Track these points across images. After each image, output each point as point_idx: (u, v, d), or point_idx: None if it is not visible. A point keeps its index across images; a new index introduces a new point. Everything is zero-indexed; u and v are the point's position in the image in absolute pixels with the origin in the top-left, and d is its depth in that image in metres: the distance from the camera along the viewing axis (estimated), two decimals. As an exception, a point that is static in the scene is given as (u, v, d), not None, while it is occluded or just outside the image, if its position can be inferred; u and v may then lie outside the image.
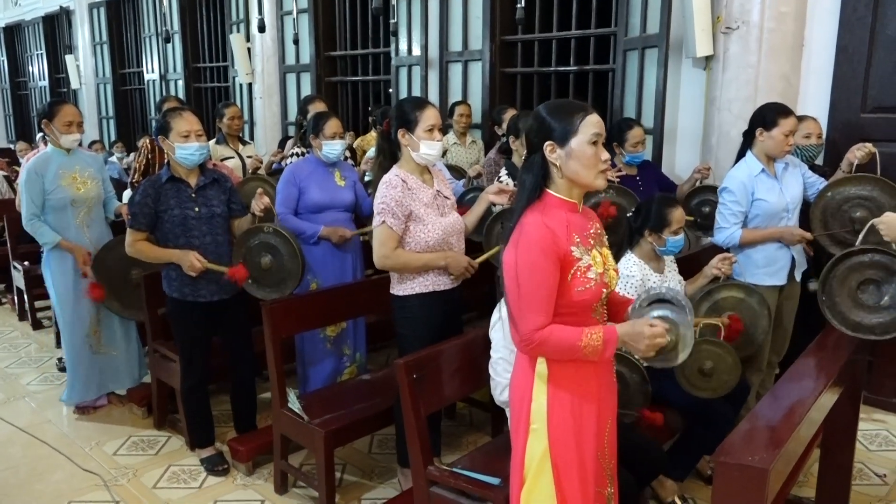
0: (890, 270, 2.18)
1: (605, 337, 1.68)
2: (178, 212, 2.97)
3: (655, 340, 1.68)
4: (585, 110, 1.72)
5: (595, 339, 1.67)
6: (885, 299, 2.21)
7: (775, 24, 3.75)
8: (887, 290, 2.21)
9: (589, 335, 1.67)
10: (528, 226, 1.70)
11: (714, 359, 2.59)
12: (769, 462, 1.69)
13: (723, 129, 3.95)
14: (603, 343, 1.68)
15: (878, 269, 2.21)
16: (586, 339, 1.67)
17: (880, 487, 3.02)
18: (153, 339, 3.54)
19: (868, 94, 3.73)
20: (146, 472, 3.22)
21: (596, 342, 1.67)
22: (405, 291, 2.73)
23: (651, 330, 1.68)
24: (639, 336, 1.69)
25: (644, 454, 2.47)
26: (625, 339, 1.71)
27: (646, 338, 1.68)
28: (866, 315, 2.25)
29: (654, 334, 1.68)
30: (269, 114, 7.38)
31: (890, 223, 2.06)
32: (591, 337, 1.67)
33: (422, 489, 2.36)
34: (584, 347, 1.67)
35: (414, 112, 2.65)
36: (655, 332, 1.68)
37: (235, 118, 4.84)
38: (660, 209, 2.72)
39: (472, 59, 5.58)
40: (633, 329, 1.70)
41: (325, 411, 2.93)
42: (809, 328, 3.05)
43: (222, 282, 3.01)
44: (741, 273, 3.09)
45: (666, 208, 2.72)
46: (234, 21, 7.77)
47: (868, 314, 2.25)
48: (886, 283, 2.21)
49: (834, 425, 2.65)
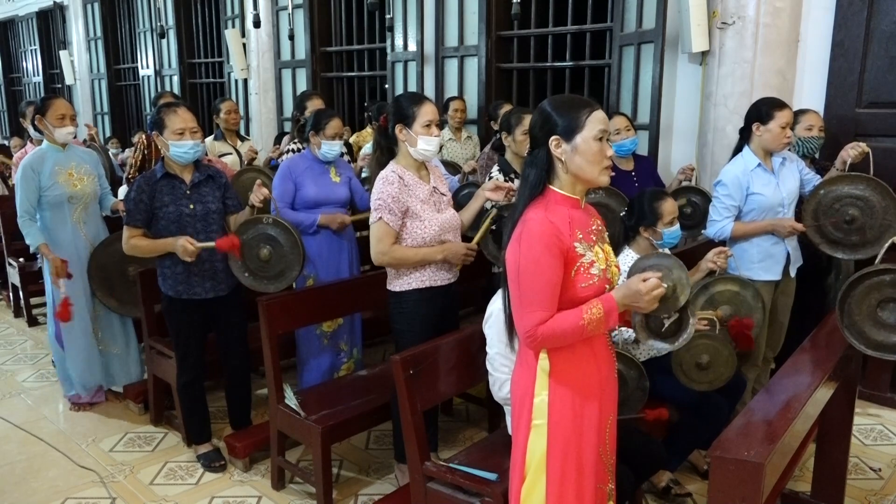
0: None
1: (605, 307, 1.68)
2: (173, 208, 2.96)
3: (654, 292, 1.68)
4: (591, 106, 1.72)
5: (596, 312, 1.67)
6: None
7: (771, 19, 3.75)
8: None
9: (589, 311, 1.67)
10: (532, 222, 1.70)
11: (710, 352, 2.60)
12: (765, 456, 1.69)
13: (718, 125, 3.96)
14: (605, 313, 1.68)
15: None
16: (587, 316, 1.67)
17: (875, 482, 3.04)
18: (149, 335, 3.53)
19: (863, 90, 3.74)
20: (143, 468, 3.22)
21: (597, 314, 1.67)
22: (402, 287, 2.73)
23: (646, 284, 1.68)
24: (636, 294, 1.68)
25: (643, 450, 2.48)
26: (624, 302, 1.70)
27: (643, 293, 1.68)
28: (888, 335, 2.21)
29: (650, 287, 1.68)
30: (265, 109, 7.36)
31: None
32: (591, 312, 1.67)
33: (419, 485, 2.36)
34: (587, 324, 1.67)
35: (411, 107, 2.65)
36: (651, 285, 1.68)
37: (232, 112, 4.83)
38: (650, 204, 2.73)
39: (467, 55, 5.57)
40: (628, 289, 1.70)
41: (322, 407, 2.93)
42: (804, 323, 3.07)
43: (220, 272, 3.00)
44: (736, 267, 3.09)
45: (656, 202, 2.73)
46: (229, 16, 7.74)
47: (890, 333, 2.21)
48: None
49: (829, 420, 2.66)
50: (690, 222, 3.67)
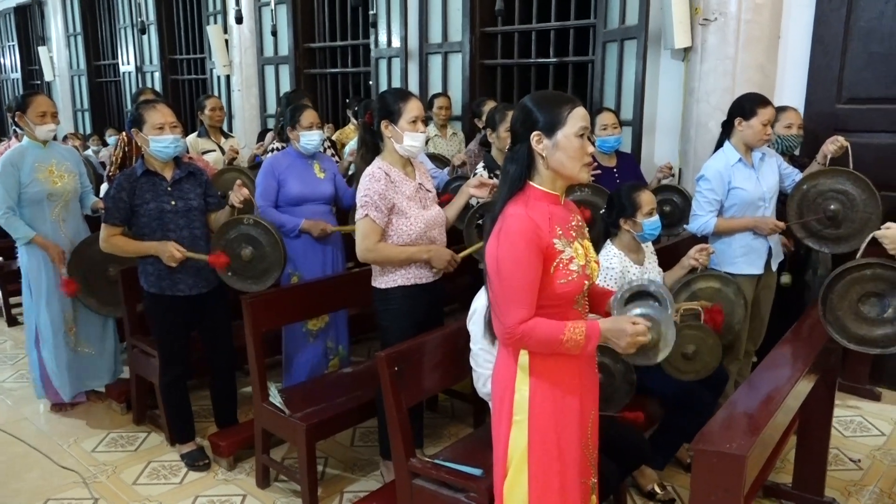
0: (893, 283, 2.16)
1: (588, 332, 1.69)
2: (154, 206, 2.94)
3: (637, 338, 1.70)
4: (573, 102, 1.72)
5: (577, 334, 1.68)
6: (889, 311, 2.18)
7: (752, 15, 3.78)
8: (891, 302, 2.18)
9: (572, 329, 1.68)
10: (511, 218, 1.70)
11: (696, 342, 2.62)
12: (746, 449, 1.71)
13: (701, 120, 3.98)
14: (585, 338, 1.69)
15: (880, 282, 2.18)
16: (569, 334, 1.67)
17: (855, 472, 3.08)
18: (131, 334, 3.50)
19: (843, 86, 3.79)
20: (126, 468, 3.19)
21: (578, 336, 1.68)
22: (387, 284, 2.72)
23: (633, 328, 1.69)
24: (621, 333, 1.70)
25: (627, 444, 2.49)
26: (607, 336, 1.72)
27: (628, 335, 1.69)
28: (870, 328, 2.24)
29: (635, 332, 1.69)
30: (248, 106, 7.31)
31: (893, 237, 2.04)
32: (573, 331, 1.68)
33: (404, 481, 2.36)
34: (566, 342, 1.67)
35: (397, 103, 2.64)
36: (637, 331, 1.69)
37: (216, 109, 4.79)
38: (628, 195, 2.75)
39: (451, 51, 5.57)
40: (615, 325, 1.71)
41: (307, 405, 2.92)
42: (785, 317, 3.10)
43: (203, 269, 2.99)
44: (719, 263, 3.12)
45: (633, 193, 2.74)
46: (210, 12, 7.68)
47: (871, 327, 2.23)
48: (890, 295, 2.18)
49: (810, 412, 2.70)
50: (669, 220, 3.70)
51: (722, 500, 1.73)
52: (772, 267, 3.25)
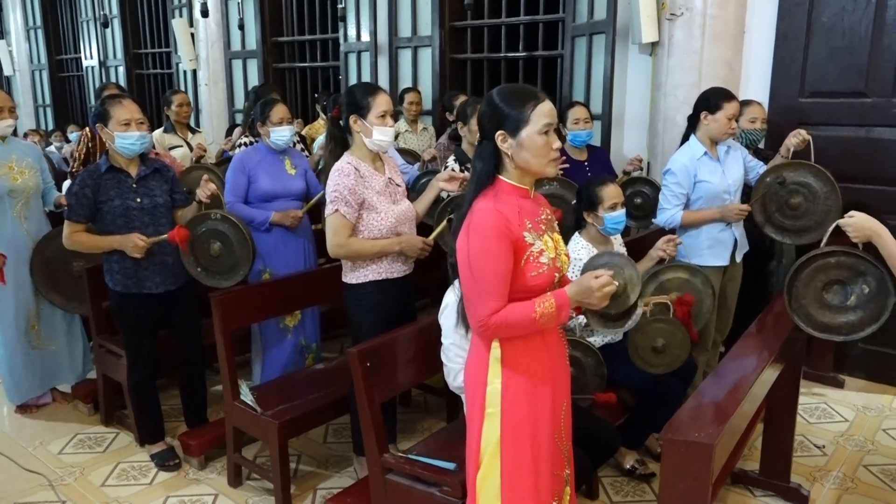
0: (856, 271, 2.20)
1: (557, 302, 1.71)
2: (119, 202, 2.89)
3: (605, 289, 1.71)
4: (536, 99, 1.71)
5: (548, 307, 1.70)
6: (852, 299, 2.23)
7: (718, 10, 3.83)
8: (853, 290, 2.23)
9: (541, 304, 1.70)
10: (480, 212, 1.70)
11: (665, 336, 2.66)
12: (714, 437, 1.74)
13: (668, 114, 4.03)
14: (556, 308, 1.70)
15: (843, 269, 2.23)
16: (540, 309, 1.69)
17: (820, 458, 3.16)
18: (98, 333, 3.44)
19: (806, 80, 3.86)
20: (93, 470, 3.14)
21: (549, 308, 1.70)
22: (358, 279, 2.71)
23: (598, 281, 1.71)
24: (588, 290, 1.71)
25: (599, 436, 2.53)
26: (576, 298, 1.73)
27: (595, 290, 1.70)
28: (833, 316, 2.28)
29: (601, 284, 1.71)
30: (216, 101, 7.21)
31: (856, 224, 2.09)
32: (544, 305, 1.69)
33: (377, 477, 2.36)
34: (539, 317, 1.69)
35: (366, 98, 2.63)
36: (602, 282, 1.71)
37: (184, 105, 4.72)
38: (592, 189, 2.78)
39: (421, 45, 5.55)
40: (580, 286, 1.73)
41: (279, 402, 2.90)
42: (751, 308, 3.16)
43: (171, 265, 2.94)
44: (686, 255, 3.16)
45: (597, 187, 2.77)
46: (176, 5, 7.55)
47: (835, 315, 2.28)
48: (852, 283, 2.23)
49: (776, 400, 2.75)
50: (641, 213, 3.74)
51: (691, 487, 1.76)
52: (737, 258, 3.31)
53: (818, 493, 2.89)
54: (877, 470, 3.05)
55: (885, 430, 3.38)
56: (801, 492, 2.81)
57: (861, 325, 2.25)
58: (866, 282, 2.20)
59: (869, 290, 2.19)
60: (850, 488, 2.93)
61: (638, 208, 3.75)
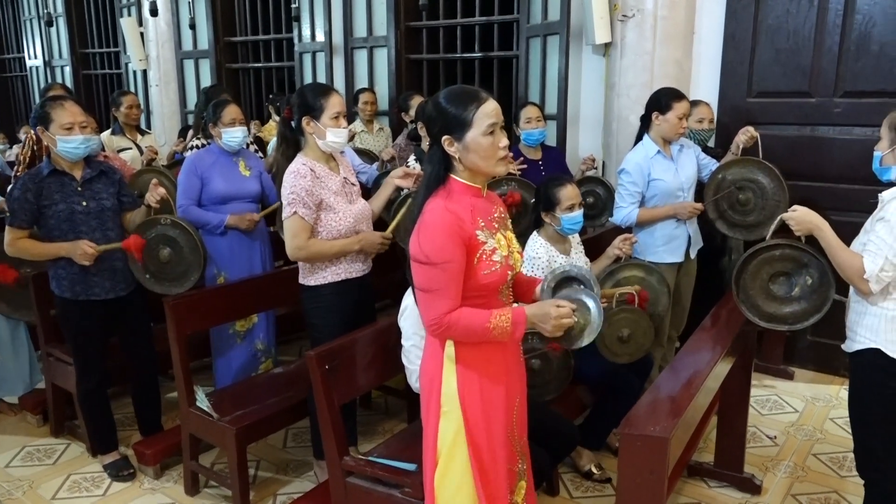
0: (800, 263, 2.28)
1: (514, 319, 1.71)
2: (64, 206, 2.80)
3: (562, 321, 1.72)
4: (479, 100, 1.70)
5: (504, 321, 1.70)
6: (796, 290, 2.31)
7: (668, 12, 3.91)
8: (797, 281, 2.31)
9: (497, 317, 1.70)
10: (431, 212, 1.71)
11: (630, 325, 2.72)
12: (669, 431, 1.78)
13: (622, 114, 4.09)
14: (511, 325, 1.71)
15: (788, 261, 2.31)
16: (495, 321, 1.69)
17: (772, 448, 3.25)
18: (46, 342, 3.33)
19: (753, 80, 3.96)
20: (43, 482, 3.04)
21: (504, 324, 1.70)
22: (317, 281, 2.68)
23: (558, 311, 1.72)
24: (546, 317, 1.72)
25: (557, 431, 2.55)
26: (533, 320, 1.74)
27: (552, 318, 1.71)
28: (779, 306, 2.36)
29: (560, 315, 1.72)
30: (167, 102, 7.06)
31: (799, 218, 2.16)
32: (499, 319, 1.70)
33: (338, 480, 2.34)
34: (492, 329, 1.69)
35: (318, 99, 2.60)
36: (562, 313, 1.72)
37: (133, 107, 4.61)
38: (550, 189, 2.80)
39: (377, 46, 5.53)
40: (540, 310, 1.74)
41: (236, 408, 2.85)
42: (705, 303, 3.23)
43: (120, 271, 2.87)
44: (642, 252, 3.22)
45: (554, 188, 2.80)
46: (124, 4, 7.38)
47: (780, 305, 2.36)
48: (796, 274, 2.31)
49: (729, 393, 2.82)
50: (593, 212, 3.79)
51: (648, 481, 1.79)
52: (691, 255, 3.38)
53: (770, 482, 2.97)
54: (825, 458, 3.15)
55: (832, 420, 3.49)
56: (755, 481, 2.88)
57: (805, 315, 2.34)
58: (809, 273, 2.28)
59: (812, 281, 2.28)
60: (800, 476, 3.01)
61: (591, 207, 3.80)
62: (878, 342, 2.09)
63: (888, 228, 2.00)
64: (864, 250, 2.06)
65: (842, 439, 3.29)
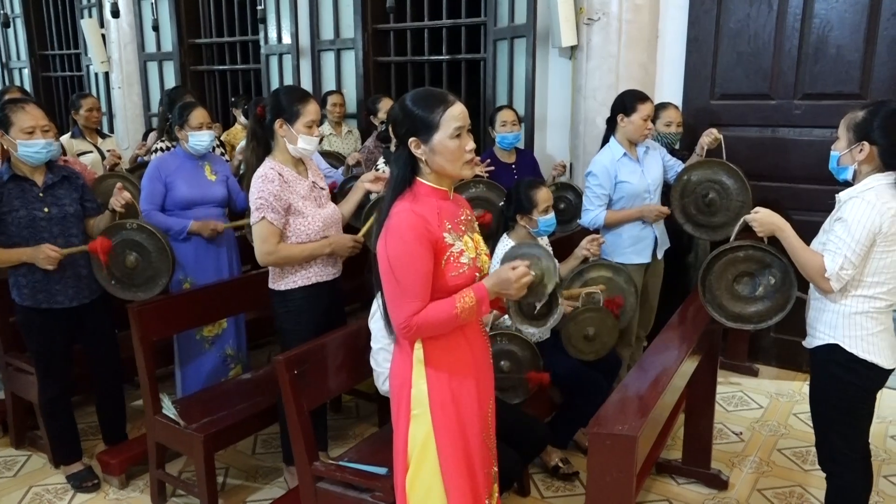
0: (763, 263, 2.33)
1: (477, 295, 1.73)
2: (25, 213, 2.72)
3: (522, 280, 1.74)
4: (446, 103, 1.71)
5: (468, 301, 1.71)
6: (760, 290, 2.37)
7: (632, 15, 3.96)
8: (761, 281, 2.36)
9: (461, 300, 1.71)
10: (398, 214, 1.71)
11: (595, 324, 2.76)
12: (637, 429, 1.80)
13: (589, 116, 4.14)
14: (476, 301, 1.72)
15: (752, 262, 2.35)
16: (461, 304, 1.70)
17: (738, 444, 3.30)
18: (5, 351, 3.24)
19: (716, 83, 4.04)
20: (4, 495, 2.95)
21: (470, 303, 1.71)
22: (287, 286, 2.65)
23: (514, 272, 1.73)
24: (506, 282, 1.73)
25: (527, 432, 2.56)
26: (494, 290, 1.75)
27: (512, 280, 1.73)
28: (744, 306, 2.41)
29: (519, 275, 1.73)
30: (130, 104, 6.93)
31: (761, 220, 2.20)
32: (464, 300, 1.71)
33: (308, 486, 2.32)
34: (460, 312, 1.70)
35: (294, 105, 2.57)
36: (520, 273, 1.73)
37: (93, 110, 4.51)
38: (526, 192, 2.82)
39: (344, 48, 5.50)
40: (498, 277, 1.75)
41: (203, 415, 2.81)
42: (672, 303, 3.28)
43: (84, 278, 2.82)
44: (609, 253, 3.25)
45: (531, 191, 2.82)
46: (84, 5, 7.23)
47: (745, 305, 2.40)
48: (760, 275, 2.36)
49: (695, 390, 2.87)
50: (565, 217, 3.82)
51: (616, 479, 1.81)
52: (658, 255, 3.43)
53: (737, 477, 3.02)
54: (789, 453, 3.22)
55: (795, 415, 3.57)
56: (721, 477, 2.93)
57: (769, 314, 2.39)
58: (772, 273, 2.33)
59: (775, 280, 2.33)
60: (765, 471, 3.07)
61: (562, 213, 3.83)
62: (836, 338, 2.14)
63: (846, 228, 2.06)
64: (824, 250, 2.11)
65: (805, 434, 3.36)
